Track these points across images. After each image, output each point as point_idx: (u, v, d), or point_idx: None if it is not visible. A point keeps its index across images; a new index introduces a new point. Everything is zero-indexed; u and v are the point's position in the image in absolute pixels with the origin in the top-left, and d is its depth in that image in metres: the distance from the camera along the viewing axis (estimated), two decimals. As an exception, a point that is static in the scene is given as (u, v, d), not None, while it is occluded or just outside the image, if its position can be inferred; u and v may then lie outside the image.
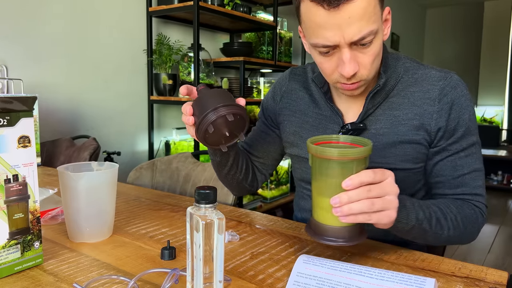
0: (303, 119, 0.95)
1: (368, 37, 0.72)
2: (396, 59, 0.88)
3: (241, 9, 2.47)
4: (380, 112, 0.86)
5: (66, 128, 2.04)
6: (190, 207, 0.56)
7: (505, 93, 6.49)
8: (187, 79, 2.33)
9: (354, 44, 0.73)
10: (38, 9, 1.88)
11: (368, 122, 0.87)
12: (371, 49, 0.74)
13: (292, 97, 0.99)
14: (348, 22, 0.69)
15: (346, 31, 0.70)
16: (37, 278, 0.63)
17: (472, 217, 0.81)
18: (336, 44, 0.72)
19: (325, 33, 0.72)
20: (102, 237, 0.80)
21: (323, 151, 0.62)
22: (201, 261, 0.54)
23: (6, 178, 0.62)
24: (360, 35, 0.71)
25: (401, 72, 0.86)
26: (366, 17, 0.70)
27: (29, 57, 1.87)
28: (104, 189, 0.78)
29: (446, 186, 0.85)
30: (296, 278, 0.60)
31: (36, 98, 0.73)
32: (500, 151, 5.15)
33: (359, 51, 0.74)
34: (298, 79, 1.00)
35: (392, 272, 0.59)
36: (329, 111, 0.91)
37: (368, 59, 0.75)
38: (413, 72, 0.86)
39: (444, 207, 0.78)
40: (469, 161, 0.84)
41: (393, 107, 0.85)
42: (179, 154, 1.47)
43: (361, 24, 0.70)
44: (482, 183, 0.85)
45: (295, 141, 0.97)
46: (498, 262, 2.76)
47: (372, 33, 0.72)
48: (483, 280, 0.65)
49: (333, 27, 0.71)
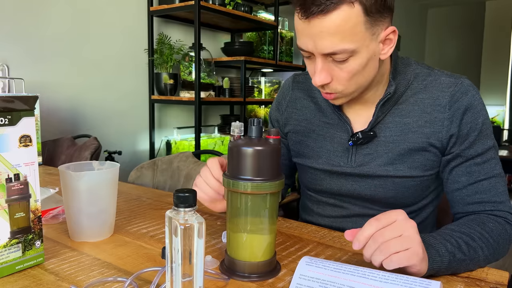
0: (309, 128, 0.94)
1: (341, 54, 0.71)
2: (406, 65, 0.86)
3: (242, 9, 2.47)
4: (389, 119, 0.85)
5: (67, 128, 2.04)
6: (169, 211, 0.52)
7: (507, 93, 6.48)
8: (188, 79, 2.34)
9: (328, 56, 0.73)
10: (39, 8, 1.88)
11: (377, 130, 0.85)
12: (347, 67, 0.74)
13: (297, 106, 0.97)
14: (319, 35, 0.71)
15: (317, 43, 0.72)
16: (38, 277, 0.63)
17: (498, 229, 0.75)
18: (310, 51, 0.74)
19: (301, 39, 0.75)
20: (103, 237, 0.80)
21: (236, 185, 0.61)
22: (179, 266, 0.51)
23: (8, 177, 0.62)
24: (330, 50, 0.71)
25: (411, 78, 0.85)
26: (339, 35, 0.70)
27: (30, 57, 1.87)
28: (105, 189, 0.78)
29: (464, 193, 0.82)
30: (299, 281, 0.59)
31: (38, 98, 0.74)
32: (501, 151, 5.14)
33: (335, 65, 0.74)
34: (302, 87, 0.98)
35: (396, 274, 0.58)
36: (336, 119, 0.90)
37: (343, 75, 0.75)
38: (423, 78, 0.85)
39: (466, 228, 0.72)
40: (487, 167, 0.81)
41: (403, 114, 0.84)
42: (180, 153, 1.47)
43: (332, 40, 0.70)
44: (503, 190, 0.81)
45: (301, 150, 0.96)
46: (499, 262, 2.76)
47: (345, 51, 0.71)
48: (484, 280, 0.65)
49: (307, 36, 0.73)
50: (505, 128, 6.42)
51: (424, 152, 0.83)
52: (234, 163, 0.62)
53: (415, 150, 0.83)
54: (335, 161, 0.90)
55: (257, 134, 0.62)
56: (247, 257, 0.63)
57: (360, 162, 0.87)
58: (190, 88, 2.32)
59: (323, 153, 0.92)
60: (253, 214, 0.62)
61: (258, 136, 0.62)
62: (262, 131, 0.63)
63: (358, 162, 0.87)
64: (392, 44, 0.77)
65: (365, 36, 0.71)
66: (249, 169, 0.60)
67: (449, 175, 0.84)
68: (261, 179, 0.60)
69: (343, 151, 0.89)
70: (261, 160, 0.60)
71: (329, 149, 0.91)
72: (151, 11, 2.33)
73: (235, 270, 0.64)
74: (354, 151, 0.88)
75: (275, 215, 0.64)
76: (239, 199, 0.62)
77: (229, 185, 0.62)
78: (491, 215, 0.78)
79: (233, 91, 2.58)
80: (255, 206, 0.62)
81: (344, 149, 0.89)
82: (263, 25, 2.69)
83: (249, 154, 0.60)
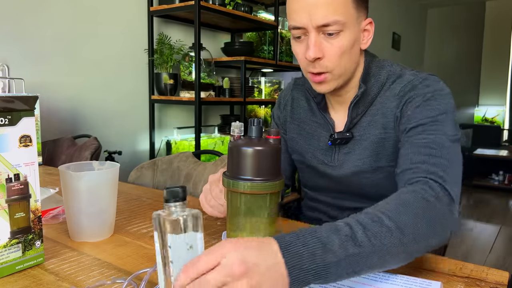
0: (301, 127, 1.00)
1: (334, 25, 0.77)
2: (380, 67, 0.90)
3: (242, 9, 2.47)
4: (364, 119, 0.90)
5: (67, 128, 2.04)
6: (156, 212, 0.50)
7: (507, 93, 6.48)
8: (188, 79, 2.34)
9: (320, 30, 0.79)
10: (39, 8, 1.88)
11: (354, 130, 0.91)
12: (337, 41, 0.79)
13: (294, 105, 1.04)
14: (316, 5, 0.77)
15: (313, 14, 0.77)
16: (38, 277, 0.63)
17: (416, 201, 0.60)
18: (304, 26, 0.79)
19: (295, 16, 0.80)
20: (103, 237, 0.80)
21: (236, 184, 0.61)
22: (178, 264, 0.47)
23: (8, 177, 0.62)
24: (325, 20, 0.77)
25: (384, 79, 0.88)
26: (333, 6, 0.76)
27: (30, 57, 1.87)
28: (105, 189, 0.78)
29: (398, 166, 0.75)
30: None
31: (38, 98, 0.74)
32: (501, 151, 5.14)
33: (326, 40, 0.80)
34: (301, 89, 1.04)
35: (396, 275, 0.58)
36: (322, 119, 0.96)
37: (333, 50, 0.80)
38: (393, 79, 0.88)
39: (372, 209, 0.59)
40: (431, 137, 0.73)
41: (374, 113, 0.89)
42: (180, 153, 1.47)
43: (327, 10, 0.76)
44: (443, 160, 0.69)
45: (294, 147, 1.02)
46: (499, 262, 2.76)
47: (338, 23, 0.77)
48: (484, 280, 0.65)
49: (302, 10, 0.78)
50: (505, 128, 6.42)
51: (390, 142, 0.86)
52: (234, 163, 0.62)
53: (376, 142, 0.88)
54: (319, 158, 0.96)
55: (257, 134, 0.62)
56: None
57: (342, 161, 0.93)
58: (190, 88, 2.32)
59: (310, 150, 0.98)
60: (253, 214, 0.62)
61: (258, 136, 0.62)
62: (262, 131, 0.63)
63: (340, 161, 0.93)
64: (370, 36, 0.86)
65: (353, 14, 0.79)
66: (249, 169, 0.60)
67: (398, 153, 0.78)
68: (261, 179, 0.60)
69: (327, 149, 0.95)
70: (261, 160, 0.60)
71: (316, 147, 0.97)
72: (151, 11, 2.32)
73: None
74: (336, 150, 0.94)
75: (275, 216, 0.64)
76: (239, 199, 0.62)
77: (229, 185, 0.62)
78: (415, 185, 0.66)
79: (233, 91, 2.58)
80: (255, 206, 0.62)
81: (328, 148, 0.95)
82: (263, 25, 2.69)
83: (249, 154, 0.60)
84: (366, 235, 0.52)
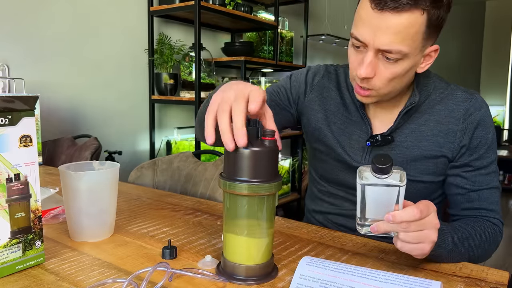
0: (330, 119, 0.97)
1: (395, 54, 0.75)
2: (427, 77, 0.91)
3: (242, 9, 2.47)
4: (406, 125, 0.89)
5: (67, 128, 2.04)
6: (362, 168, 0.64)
7: (507, 93, 6.48)
8: (188, 79, 2.34)
9: (380, 52, 0.76)
10: (39, 8, 1.88)
11: (394, 135, 0.90)
12: (394, 67, 0.77)
13: (323, 94, 1.00)
14: (384, 30, 0.73)
15: (378, 36, 0.74)
16: (39, 277, 0.63)
17: (494, 236, 0.82)
18: (366, 43, 0.76)
19: (361, 29, 0.76)
20: (103, 236, 0.80)
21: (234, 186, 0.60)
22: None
23: (8, 177, 0.62)
24: (387, 47, 0.74)
25: (431, 90, 0.90)
26: (401, 35, 0.73)
27: (30, 57, 1.87)
28: (105, 189, 0.78)
29: (465, 199, 0.87)
30: (299, 281, 0.59)
31: (38, 98, 0.74)
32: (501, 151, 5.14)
33: (382, 63, 0.77)
34: (332, 78, 1.01)
35: (396, 274, 0.58)
36: (359, 117, 0.94)
37: (386, 74, 0.78)
38: (441, 91, 0.90)
39: (471, 228, 0.78)
40: (489, 178, 0.87)
41: (420, 123, 0.89)
42: (180, 153, 1.47)
43: (394, 38, 0.73)
44: (498, 200, 0.87)
45: (319, 138, 0.99)
46: (499, 262, 2.76)
47: (400, 53, 0.74)
48: (484, 280, 0.65)
49: (370, 27, 0.74)
50: (505, 128, 6.42)
51: (435, 160, 0.88)
52: (231, 164, 0.61)
53: (427, 157, 0.88)
54: (351, 155, 0.94)
55: (254, 135, 0.62)
56: (244, 259, 0.63)
57: None
58: (190, 88, 2.32)
59: (340, 146, 0.95)
60: (250, 216, 0.62)
61: (255, 137, 0.62)
62: (259, 131, 0.62)
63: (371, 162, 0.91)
64: (431, 61, 0.83)
65: (419, 45, 0.76)
66: (246, 170, 0.60)
67: (455, 180, 0.89)
68: (258, 181, 0.60)
69: (358, 148, 0.93)
70: (258, 161, 0.60)
71: (346, 143, 0.95)
72: (151, 11, 2.33)
73: (232, 273, 0.63)
74: (369, 151, 0.92)
75: (272, 217, 0.64)
76: (236, 201, 0.62)
77: (225, 187, 0.61)
78: (487, 221, 0.85)
79: (233, 91, 2.58)
80: (252, 208, 0.61)
81: (360, 147, 0.93)
82: (263, 25, 2.69)
83: (246, 155, 0.59)
84: (462, 244, 0.73)
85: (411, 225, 0.61)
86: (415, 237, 0.62)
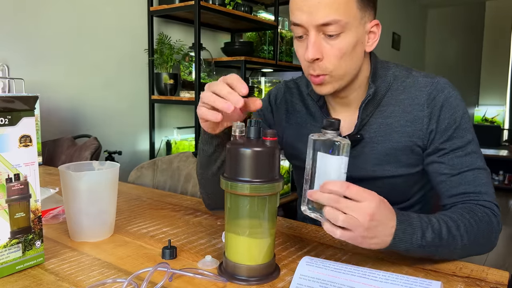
0: (300, 132, 0.97)
1: (334, 26, 0.76)
2: (385, 68, 0.90)
3: (242, 9, 2.47)
4: (373, 121, 0.88)
5: (67, 128, 2.04)
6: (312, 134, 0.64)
7: (507, 93, 6.48)
8: (188, 79, 2.34)
9: (321, 31, 0.77)
10: (39, 8, 1.88)
11: (363, 132, 0.89)
12: (338, 43, 0.78)
13: (289, 110, 1.00)
14: (316, 5, 0.75)
15: (313, 14, 0.75)
16: (38, 277, 0.63)
17: (485, 219, 0.75)
18: (304, 25, 0.77)
19: (296, 12, 0.78)
20: (103, 237, 0.80)
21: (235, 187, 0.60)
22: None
23: (8, 177, 0.62)
24: (324, 19, 0.75)
25: (391, 80, 0.88)
26: (335, 5, 0.75)
27: (30, 57, 1.87)
28: (105, 189, 0.78)
29: (448, 185, 0.83)
30: (299, 281, 0.59)
31: (38, 98, 0.74)
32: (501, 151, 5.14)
33: (326, 42, 0.78)
34: (294, 92, 1.01)
35: (396, 274, 0.58)
36: None
37: (333, 51, 0.78)
38: (402, 80, 0.88)
39: (457, 215, 0.73)
40: (469, 160, 0.82)
41: (385, 115, 0.87)
42: (180, 153, 1.47)
43: (329, 9, 0.75)
44: (487, 181, 0.82)
45: (294, 153, 0.99)
46: (499, 262, 2.76)
47: (337, 23, 0.75)
48: (484, 280, 0.65)
49: (303, 8, 0.76)
50: (505, 128, 6.42)
51: (408, 151, 0.86)
52: (233, 164, 0.61)
53: (399, 149, 0.86)
54: None
55: (255, 135, 0.62)
56: (245, 260, 0.63)
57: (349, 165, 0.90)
58: (190, 88, 2.32)
59: None
60: (251, 216, 0.62)
61: (256, 137, 0.62)
62: (261, 132, 0.63)
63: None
64: (376, 38, 0.83)
65: (356, 15, 0.77)
66: (248, 170, 0.60)
67: (433, 167, 0.85)
68: (260, 181, 0.60)
69: None
70: (260, 161, 0.60)
71: None
72: (151, 11, 2.32)
73: (234, 273, 0.63)
74: None
75: (274, 217, 0.64)
76: (238, 201, 0.62)
77: (227, 187, 0.61)
78: (476, 205, 0.79)
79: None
80: (253, 208, 0.61)
81: None
82: (263, 25, 2.69)
83: (248, 155, 0.59)
84: (449, 232, 0.69)
85: (340, 201, 0.59)
86: (345, 220, 0.58)
